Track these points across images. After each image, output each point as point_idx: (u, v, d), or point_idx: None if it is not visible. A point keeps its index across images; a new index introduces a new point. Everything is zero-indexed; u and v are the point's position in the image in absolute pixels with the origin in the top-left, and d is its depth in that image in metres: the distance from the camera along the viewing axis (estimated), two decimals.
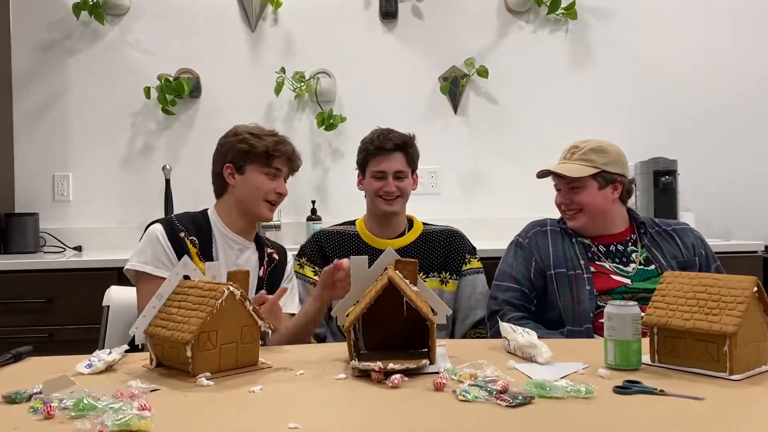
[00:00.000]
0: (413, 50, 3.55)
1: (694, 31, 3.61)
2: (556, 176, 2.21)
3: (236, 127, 2.10)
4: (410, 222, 2.36)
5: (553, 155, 2.85)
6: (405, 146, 2.26)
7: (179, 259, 1.82)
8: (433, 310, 1.51)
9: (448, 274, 2.30)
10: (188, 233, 1.98)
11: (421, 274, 2.08)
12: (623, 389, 1.26)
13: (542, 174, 2.23)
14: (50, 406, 1.16)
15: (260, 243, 2.13)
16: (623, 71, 3.59)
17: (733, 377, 1.32)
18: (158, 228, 1.97)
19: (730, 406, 1.19)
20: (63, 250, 3.28)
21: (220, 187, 2.07)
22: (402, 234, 2.31)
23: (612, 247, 2.17)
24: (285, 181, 2.07)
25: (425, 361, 1.41)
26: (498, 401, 1.19)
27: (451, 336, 2.27)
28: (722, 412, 1.16)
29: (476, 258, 2.35)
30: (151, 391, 1.30)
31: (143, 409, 1.13)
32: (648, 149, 3.41)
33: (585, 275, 2.09)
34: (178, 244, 1.95)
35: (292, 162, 2.06)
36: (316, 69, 3.49)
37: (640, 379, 1.30)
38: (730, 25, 3.63)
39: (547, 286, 2.13)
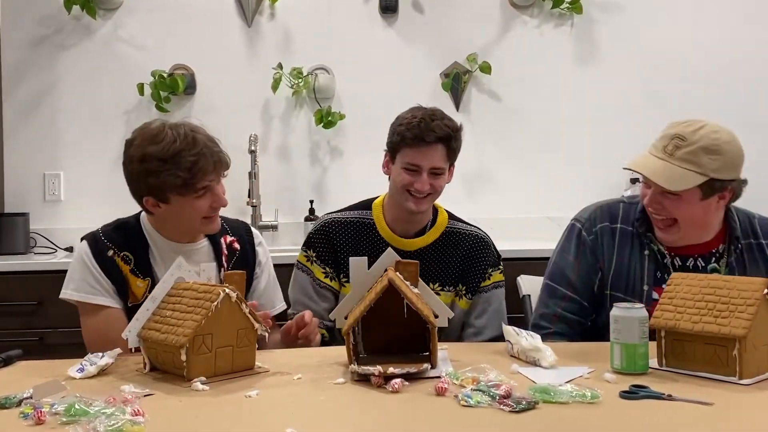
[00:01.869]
0: (414, 46, 3.55)
1: (705, 24, 3.60)
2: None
3: (139, 143, 1.78)
4: (434, 212, 2.10)
5: (557, 153, 2.87)
6: (449, 139, 1.95)
7: (111, 280, 1.79)
8: (434, 313, 1.51)
9: (464, 288, 2.07)
10: (118, 250, 1.82)
11: (436, 285, 2.03)
12: (630, 394, 1.26)
13: (631, 169, 1.89)
14: (41, 412, 1.16)
15: (212, 235, 1.91)
16: (630, 66, 3.59)
17: (743, 381, 1.32)
18: (84, 249, 1.82)
19: (739, 412, 1.19)
20: (54, 251, 3.28)
21: (145, 210, 1.85)
22: (423, 231, 2.06)
23: (690, 262, 1.81)
24: (220, 181, 1.83)
25: (426, 365, 1.41)
26: (501, 406, 1.19)
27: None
28: (732, 418, 1.17)
29: (499, 270, 2.12)
30: (145, 395, 1.31)
31: (136, 415, 1.13)
32: None
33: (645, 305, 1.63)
34: (106, 264, 1.80)
35: (219, 170, 1.80)
36: (314, 65, 3.49)
37: (647, 383, 1.30)
38: (744, 17, 3.61)
39: (602, 304, 1.84)
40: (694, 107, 3.57)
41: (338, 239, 2.06)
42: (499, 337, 1.95)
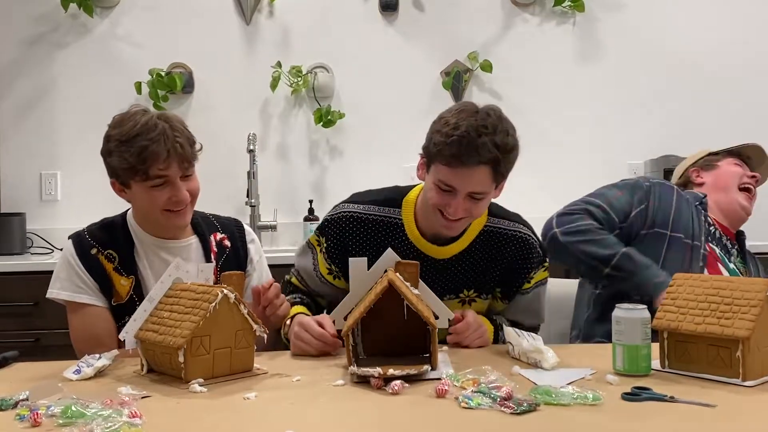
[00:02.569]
0: (414, 44, 3.55)
1: (710, 21, 3.61)
2: (758, 153, 2.26)
3: (111, 125, 1.77)
4: None
5: (559, 152, 2.87)
6: (496, 162, 1.62)
7: (95, 278, 1.79)
8: (434, 315, 1.51)
9: (500, 292, 1.87)
10: (102, 248, 1.81)
11: (471, 291, 1.83)
12: (632, 396, 1.26)
13: (749, 150, 2.29)
14: (37, 414, 1.16)
15: (201, 232, 1.90)
16: (633, 65, 3.59)
17: (747, 383, 1.32)
18: (68, 248, 1.83)
19: (743, 414, 1.19)
20: (51, 251, 3.28)
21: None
22: (459, 234, 1.78)
23: (724, 240, 2.15)
24: (188, 176, 1.79)
25: (426, 367, 1.41)
26: (502, 408, 1.19)
27: None
28: (735, 420, 1.17)
29: (543, 268, 1.88)
30: (142, 397, 1.31)
31: (134, 417, 1.13)
32: (658, 147, 3.40)
33: (702, 251, 2.04)
34: (90, 263, 1.80)
35: (173, 159, 1.72)
36: (313, 63, 3.49)
37: (649, 385, 1.30)
38: (749, 14, 3.62)
39: (650, 242, 2.03)
40: (697, 106, 3.59)
41: (353, 239, 1.82)
42: (534, 327, 1.92)
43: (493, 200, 1.79)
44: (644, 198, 2.08)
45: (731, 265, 2.11)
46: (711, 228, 2.14)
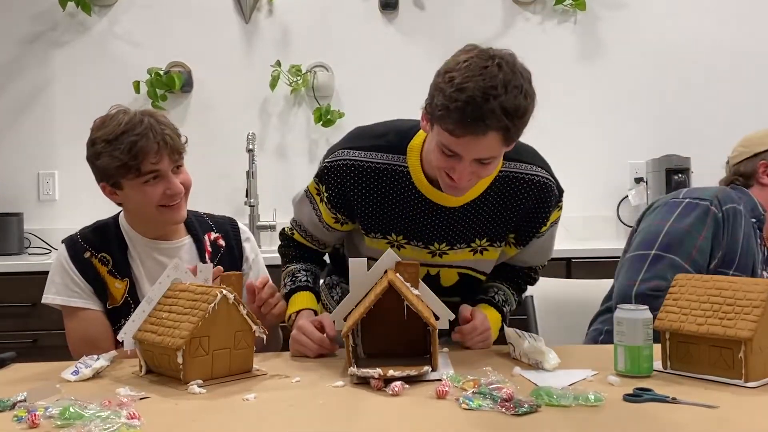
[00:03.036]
0: (414, 42, 3.55)
1: (711, 21, 3.61)
2: None
3: (93, 128, 1.80)
4: None
5: (560, 151, 2.84)
6: (508, 127, 1.46)
7: (89, 282, 1.80)
8: (435, 315, 1.51)
9: (514, 237, 1.75)
10: (95, 251, 1.82)
11: (484, 240, 1.71)
12: (634, 397, 1.26)
13: None
14: (35, 415, 1.16)
15: (194, 232, 1.90)
16: (634, 64, 3.59)
17: (749, 384, 1.32)
18: (62, 252, 1.83)
19: (745, 415, 1.19)
20: (48, 251, 3.28)
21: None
22: None
23: None
24: (179, 168, 1.79)
25: (427, 368, 1.41)
26: (503, 410, 1.19)
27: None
28: (737, 421, 1.16)
29: (559, 208, 1.76)
30: (141, 399, 1.31)
31: (132, 418, 1.13)
32: (660, 146, 3.41)
33: None
34: (84, 267, 1.80)
35: (164, 152, 1.73)
36: (313, 62, 3.49)
37: (651, 386, 1.30)
38: (749, 12, 3.62)
39: None
40: (700, 105, 3.59)
41: (355, 188, 1.68)
42: (535, 267, 1.88)
43: None
44: (717, 233, 1.80)
45: None
46: (764, 249, 1.89)
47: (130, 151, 1.69)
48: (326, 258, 1.99)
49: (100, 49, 3.46)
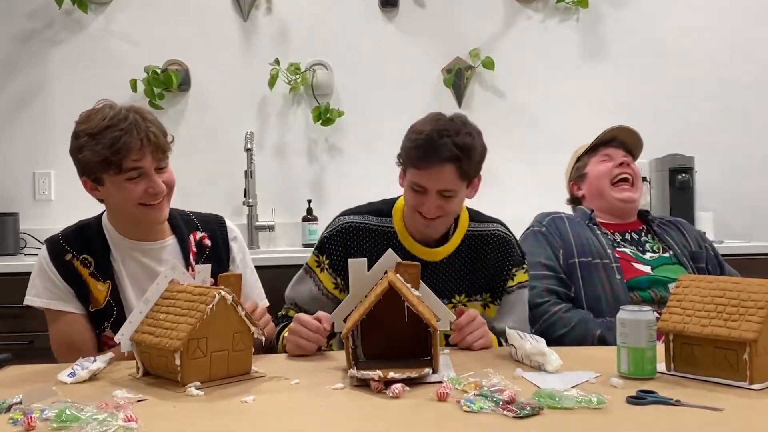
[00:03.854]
0: (415, 40, 3.55)
1: (716, 18, 3.61)
2: (619, 142, 2.41)
3: (78, 121, 1.77)
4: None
5: (563, 152, 2.85)
6: (460, 159, 1.78)
7: (70, 284, 1.79)
8: (436, 317, 1.51)
9: (489, 296, 1.98)
10: (77, 253, 1.81)
11: (462, 296, 1.94)
12: (637, 399, 1.26)
13: (607, 135, 2.42)
14: (31, 417, 1.16)
15: (179, 232, 1.89)
16: (638, 62, 3.59)
17: (754, 387, 1.32)
18: (43, 253, 1.83)
19: (750, 418, 1.19)
20: None
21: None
22: (447, 237, 1.94)
23: (627, 236, 2.26)
24: (162, 168, 1.77)
25: (428, 370, 1.41)
26: (505, 412, 1.19)
27: None
28: (742, 424, 1.17)
29: (523, 269, 2.02)
30: (138, 401, 1.31)
31: (129, 421, 1.13)
32: (664, 145, 3.40)
33: (613, 264, 2.13)
34: (65, 269, 1.79)
35: (147, 149, 1.71)
36: (312, 60, 3.49)
37: (654, 388, 1.30)
38: (755, 11, 3.62)
39: (571, 275, 2.15)
40: (704, 104, 3.59)
41: (356, 248, 1.92)
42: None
43: (472, 206, 2.02)
44: (553, 241, 2.20)
45: (647, 256, 2.20)
46: (609, 236, 2.24)
47: (112, 146, 1.67)
48: None
49: (96, 47, 3.46)
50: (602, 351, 1.78)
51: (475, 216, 2.02)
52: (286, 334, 1.80)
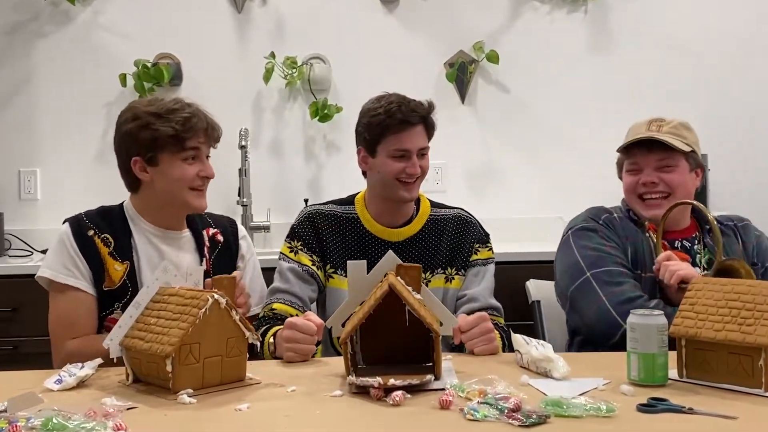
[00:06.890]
0: (416, 34, 3.55)
1: (729, 11, 3.60)
2: (642, 152, 2.10)
3: (133, 106, 1.94)
4: (416, 201, 2.18)
5: (569, 148, 2.88)
6: (428, 116, 2.07)
7: (87, 261, 1.87)
8: (438, 321, 1.51)
9: (453, 269, 2.13)
10: (99, 231, 1.91)
11: (427, 273, 2.07)
12: (648, 407, 1.26)
13: (628, 147, 2.16)
14: (16, 426, 1.16)
15: (194, 227, 2.03)
16: (648, 56, 3.59)
17: None
18: (65, 229, 1.92)
19: (765, 426, 1.20)
20: (30, 253, 3.28)
21: (132, 181, 1.95)
22: (409, 221, 2.14)
23: (678, 244, 2.08)
24: (208, 158, 1.96)
25: (429, 377, 1.41)
26: (510, 420, 1.19)
27: None
28: None
29: (488, 247, 2.18)
30: (128, 409, 1.31)
31: (118, 429, 1.14)
32: None
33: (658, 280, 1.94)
34: (85, 244, 1.88)
35: (210, 136, 1.93)
36: (309, 54, 3.49)
37: (666, 396, 1.30)
38: (765, 3, 3.62)
39: None
40: (716, 98, 3.59)
41: (324, 230, 2.12)
42: (496, 308, 2.07)
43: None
44: (613, 236, 2.06)
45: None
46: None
47: (184, 124, 1.85)
48: None
49: (84, 40, 3.46)
50: (611, 357, 1.78)
51: (437, 204, 2.23)
52: (271, 340, 1.82)
